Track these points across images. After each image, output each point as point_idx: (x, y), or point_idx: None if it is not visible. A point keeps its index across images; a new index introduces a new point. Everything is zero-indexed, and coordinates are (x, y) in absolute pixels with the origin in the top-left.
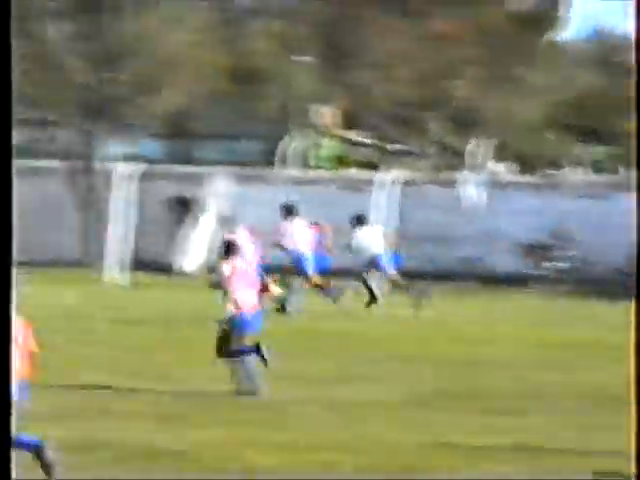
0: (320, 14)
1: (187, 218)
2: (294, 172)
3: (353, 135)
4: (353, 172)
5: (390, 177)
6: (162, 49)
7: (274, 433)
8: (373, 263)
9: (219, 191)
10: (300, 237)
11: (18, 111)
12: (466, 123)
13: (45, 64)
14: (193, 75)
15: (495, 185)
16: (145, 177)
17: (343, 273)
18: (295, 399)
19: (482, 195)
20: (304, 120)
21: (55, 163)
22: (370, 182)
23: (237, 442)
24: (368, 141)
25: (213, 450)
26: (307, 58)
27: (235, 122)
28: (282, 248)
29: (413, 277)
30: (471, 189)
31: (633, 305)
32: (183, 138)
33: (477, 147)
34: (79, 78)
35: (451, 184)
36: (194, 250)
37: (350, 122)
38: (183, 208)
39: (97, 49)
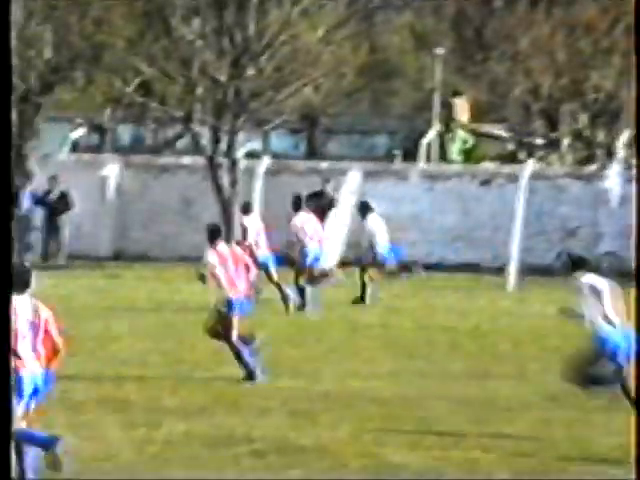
0: (453, 6)
1: (324, 213)
2: (428, 167)
3: (488, 128)
4: (488, 166)
5: (526, 170)
6: (294, 45)
7: (405, 429)
8: (373, 254)
9: (351, 186)
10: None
11: (154, 109)
12: (605, 114)
13: (181, 61)
14: (325, 71)
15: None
16: (276, 172)
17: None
18: (426, 395)
19: (622, 189)
20: (438, 114)
21: (189, 160)
22: (506, 176)
23: (368, 438)
24: (503, 134)
25: (345, 446)
26: (440, 50)
27: (366, 117)
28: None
29: (546, 273)
30: (611, 182)
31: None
32: (314, 133)
33: (617, 139)
34: (212, 74)
35: (589, 178)
36: (330, 245)
37: (485, 115)
38: (319, 202)
39: (230, 46)
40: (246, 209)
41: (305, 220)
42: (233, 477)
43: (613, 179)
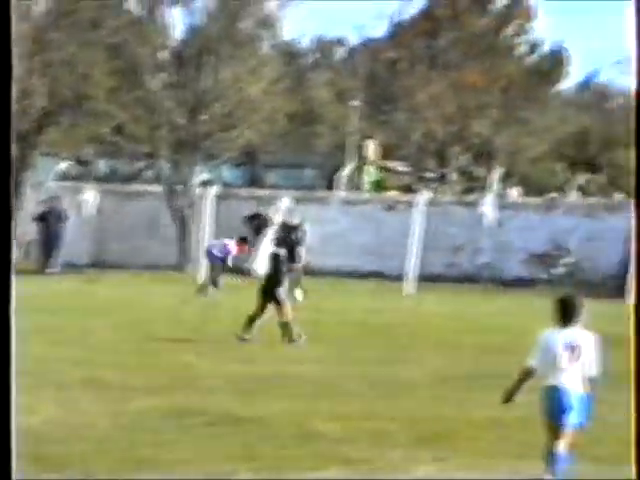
0: (366, 67)
1: (260, 231)
2: (345, 195)
3: (392, 164)
4: (392, 194)
5: (422, 199)
6: (240, 96)
7: (328, 404)
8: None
9: (283, 209)
10: None
11: (126, 146)
12: (483, 155)
13: (148, 108)
14: (264, 116)
15: (507, 206)
16: (224, 198)
17: None
18: (344, 376)
19: (496, 214)
20: (353, 153)
21: (154, 187)
22: (406, 203)
23: (298, 411)
24: (404, 169)
25: (278, 417)
26: (356, 103)
27: (296, 154)
28: None
29: (438, 280)
30: (488, 209)
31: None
32: (255, 167)
33: (493, 175)
34: (174, 119)
35: (471, 205)
36: (263, 256)
37: (390, 154)
38: (256, 222)
39: (188, 96)
40: None
41: None
42: (189, 441)
43: (489, 206)
